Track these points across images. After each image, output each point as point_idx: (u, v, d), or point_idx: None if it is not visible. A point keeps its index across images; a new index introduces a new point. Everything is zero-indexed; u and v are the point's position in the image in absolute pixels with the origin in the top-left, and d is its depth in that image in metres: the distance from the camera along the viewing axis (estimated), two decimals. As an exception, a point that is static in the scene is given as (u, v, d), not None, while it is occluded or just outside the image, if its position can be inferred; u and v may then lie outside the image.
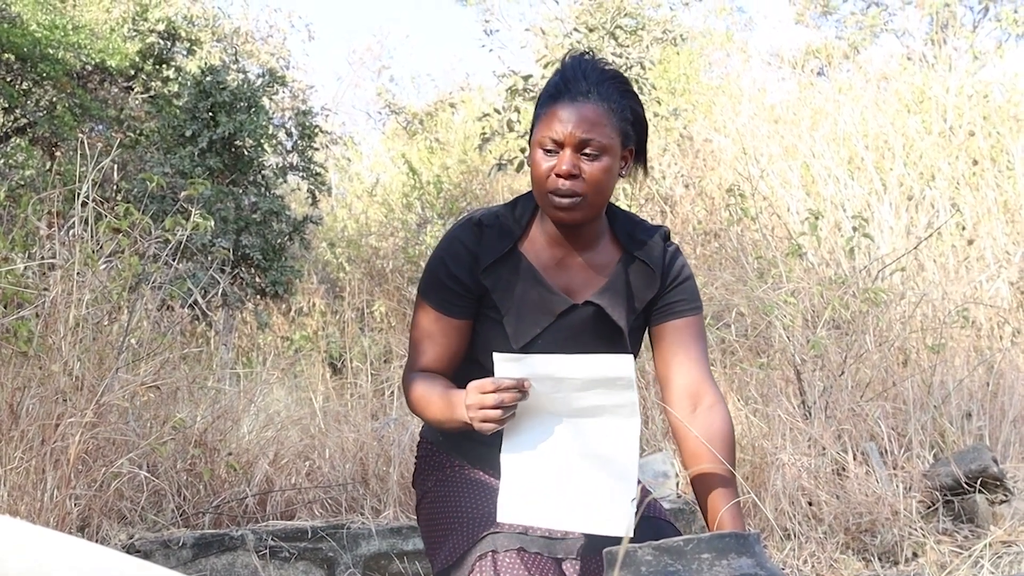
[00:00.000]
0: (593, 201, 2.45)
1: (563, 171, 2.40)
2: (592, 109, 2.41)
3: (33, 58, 9.13)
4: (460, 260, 2.52)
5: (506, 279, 2.52)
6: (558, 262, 2.55)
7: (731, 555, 1.85)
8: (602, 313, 2.53)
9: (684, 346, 2.55)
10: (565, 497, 2.25)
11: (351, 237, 12.66)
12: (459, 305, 2.53)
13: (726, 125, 10.36)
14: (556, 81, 2.49)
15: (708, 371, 2.56)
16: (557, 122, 2.41)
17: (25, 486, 3.83)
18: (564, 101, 2.43)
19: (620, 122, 2.45)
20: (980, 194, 8.61)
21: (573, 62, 2.50)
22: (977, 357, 6.38)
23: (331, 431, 5.67)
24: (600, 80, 2.45)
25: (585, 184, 2.42)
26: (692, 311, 2.58)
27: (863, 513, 4.78)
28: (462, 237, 2.54)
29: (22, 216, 4.56)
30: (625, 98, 2.48)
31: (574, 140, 2.40)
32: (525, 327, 2.51)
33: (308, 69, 28.98)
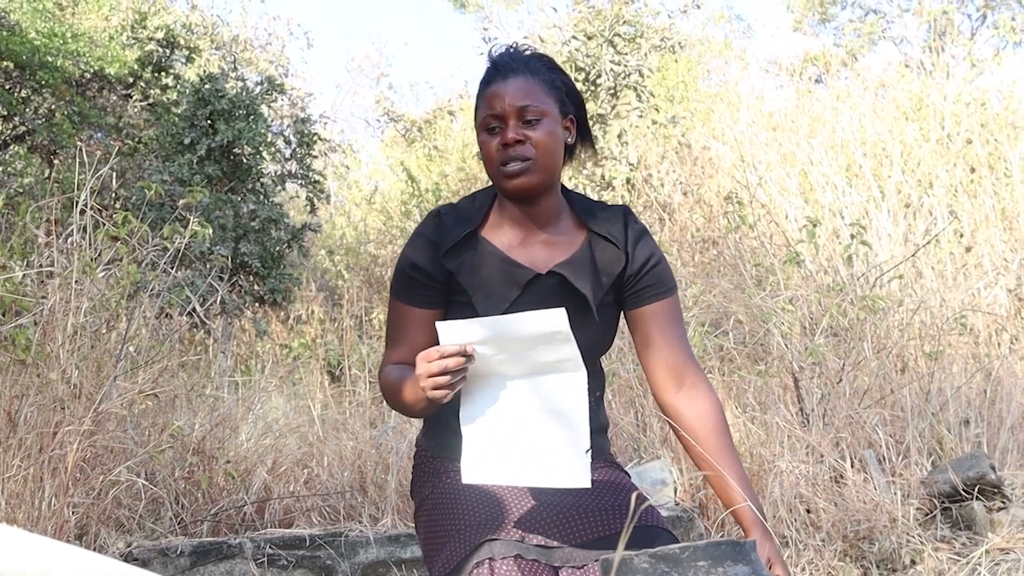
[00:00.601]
0: (544, 164, 2.52)
1: (509, 139, 2.49)
2: (523, 80, 2.53)
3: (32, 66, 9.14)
4: (422, 250, 2.58)
5: (469, 262, 2.57)
6: (521, 241, 2.60)
7: (727, 563, 1.85)
8: (568, 284, 2.55)
9: (661, 329, 2.61)
10: (523, 454, 2.30)
11: (350, 245, 12.67)
12: (426, 295, 2.58)
13: (724, 132, 10.37)
14: (486, 71, 2.59)
15: (688, 350, 2.62)
16: (494, 99, 2.52)
17: (23, 494, 3.83)
18: (496, 80, 2.54)
19: (552, 90, 2.56)
20: (978, 201, 8.62)
21: (498, 50, 2.63)
22: (975, 364, 6.38)
23: (329, 439, 5.67)
24: (525, 59, 2.58)
25: (532, 148, 2.50)
26: (666, 293, 2.63)
27: (861, 520, 4.78)
28: (422, 230, 2.62)
29: (20, 224, 4.56)
30: (553, 72, 2.60)
31: (513, 109, 2.50)
32: (493, 303, 2.53)
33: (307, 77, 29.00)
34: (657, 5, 10.80)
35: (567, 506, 2.49)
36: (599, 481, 2.59)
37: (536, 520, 2.46)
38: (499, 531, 2.41)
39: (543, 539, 2.42)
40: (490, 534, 2.40)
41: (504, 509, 2.49)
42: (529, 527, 2.45)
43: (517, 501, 2.51)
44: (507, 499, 2.52)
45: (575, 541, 2.44)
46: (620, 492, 2.57)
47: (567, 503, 2.50)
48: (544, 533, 2.43)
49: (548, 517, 2.47)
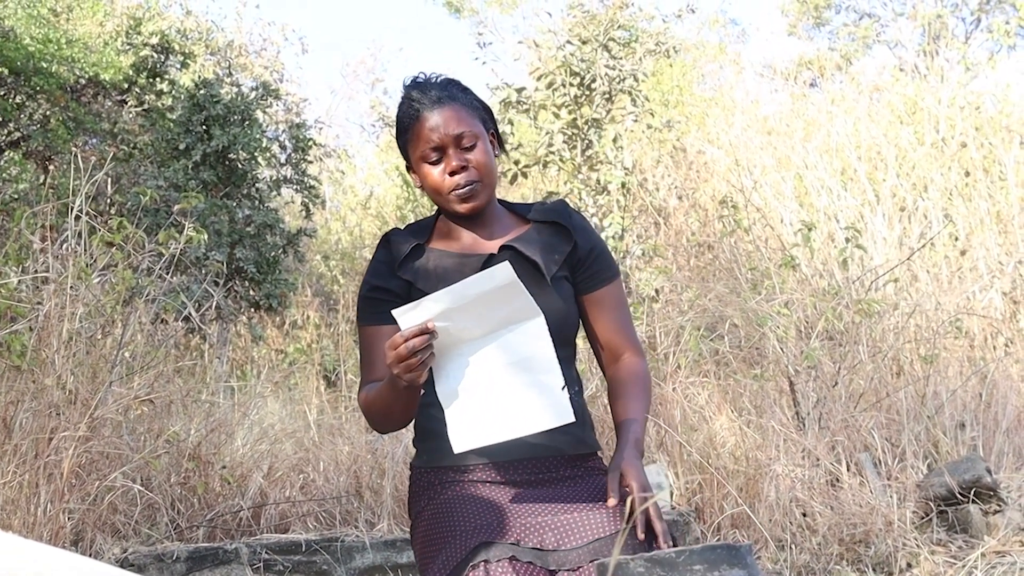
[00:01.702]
0: (488, 182, 2.68)
1: (455, 167, 2.63)
2: (451, 108, 2.66)
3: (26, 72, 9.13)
4: (378, 272, 2.73)
5: (423, 267, 2.71)
6: (469, 243, 2.75)
7: (723, 566, 1.86)
8: (521, 256, 2.67)
9: (606, 314, 2.77)
10: (503, 408, 2.37)
11: (345, 250, 12.67)
12: (389, 312, 2.57)
13: (719, 137, 10.38)
14: (406, 106, 2.71)
15: (629, 331, 2.79)
16: (430, 131, 2.65)
17: (18, 500, 3.82)
18: (424, 114, 2.66)
19: (474, 111, 2.71)
20: (973, 205, 8.63)
21: (413, 84, 2.74)
22: (970, 367, 6.39)
23: (325, 444, 5.67)
24: (443, 86, 2.71)
25: (476, 171, 2.65)
26: (612, 277, 2.78)
27: (857, 524, 4.78)
28: (375, 255, 2.77)
29: (15, 230, 4.56)
30: (467, 94, 2.74)
31: (450, 138, 2.64)
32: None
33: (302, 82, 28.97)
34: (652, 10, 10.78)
35: (562, 510, 2.50)
36: (593, 486, 2.60)
37: (531, 524, 2.47)
38: (494, 535, 2.41)
39: (539, 542, 2.43)
40: (485, 538, 2.41)
41: (499, 515, 2.49)
42: (524, 531, 2.45)
43: (512, 506, 2.52)
44: (502, 504, 2.52)
45: (571, 544, 2.44)
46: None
47: (562, 508, 2.51)
48: (540, 537, 2.44)
49: (543, 521, 2.47)
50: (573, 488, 2.61)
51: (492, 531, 2.44)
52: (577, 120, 9.08)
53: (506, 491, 2.59)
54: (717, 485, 5.05)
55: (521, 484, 2.61)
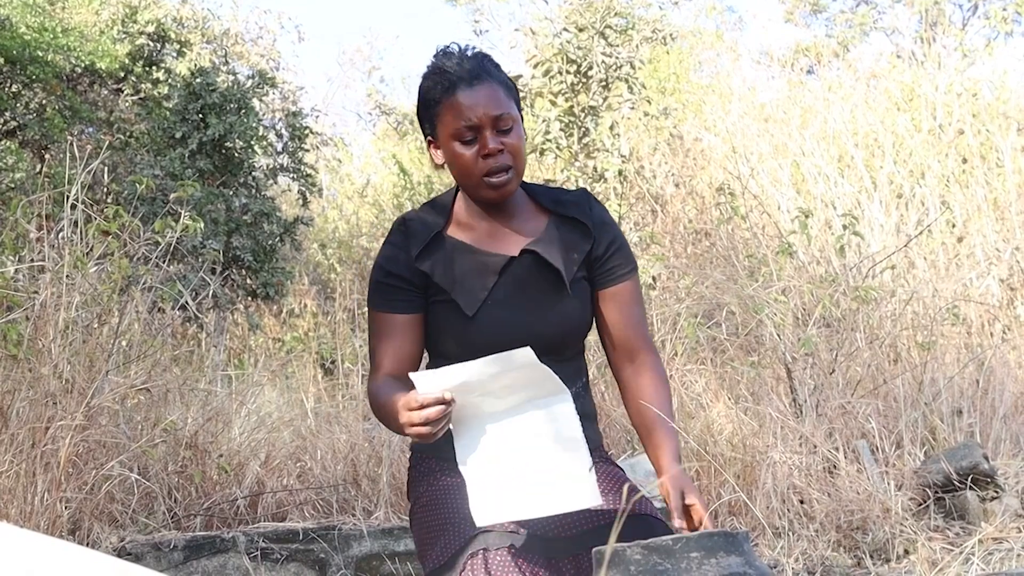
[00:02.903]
0: (519, 169, 2.55)
1: (492, 149, 2.49)
2: (490, 86, 2.52)
3: (22, 61, 9.12)
4: (393, 258, 2.60)
5: (442, 260, 2.58)
6: (488, 234, 2.63)
7: (720, 553, 1.85)
8: (541, 261, 2.59)
9: (622, 309, 2.67)
10: (529, 486, 2.30)
11: (342, 238, 12.66)
12: (403, 300, 2.59)
13: (716, 124, 10.36)
14: (439, 76, 2.55)
15: (643, 330, 2.70)
16: (467, 109, 2.49)
17: (15, 489, 3.82)
18: (462, 88, 2.50)
19: (510, 92, 2.58)
20: (970, 192, 8.62)
21: (445, 55, 2.58)
22: (967, 354, 6.39)
23: (322, 432, 5.67)
24: (479, 60, 2.55)
25: (510, 156, 2.51)
26: (629, 274, 2.68)
27: (854, 511, 4.79)
28: (391, 239, 2.64)
29: (12, 219, 4.55)
30: (499, 71, 2.61)
31: (490, 119, 2.49)
32: (474, 292, 2.56)
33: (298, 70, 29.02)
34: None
35: None
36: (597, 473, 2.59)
37: None
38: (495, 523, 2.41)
39: (541, 529, 2.43)
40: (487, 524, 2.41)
41: None
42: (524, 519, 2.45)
43: None
44: None
45: (569, 532, 2.44)
46: (613, 483, 2.57)
47: None
48: (538, 524, 2.43)
49: None
50: None
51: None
52: (574, 108, 9.09)
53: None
54: (714, 472, 5.05)
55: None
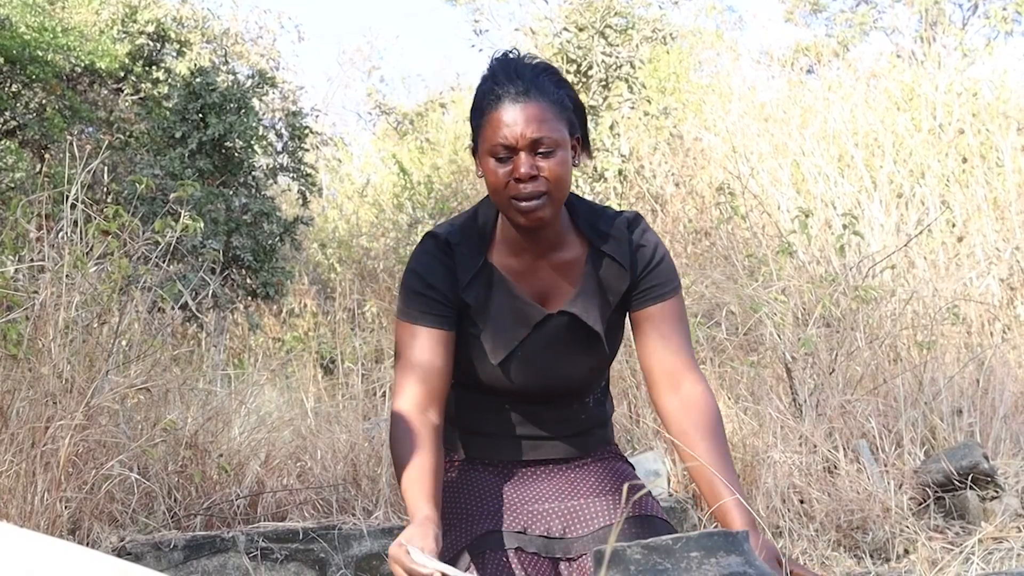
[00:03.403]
0: (557, 197, 2.38)
1: (523, 174, 2.33)
2: (536, 106, 2.35)
3: (22, 60, 9.12)
4: (436, 273, 2.46)
5: (482, 292, 2.47)
6: (527, 267, 2.49)
7: (720, 553, 1.85)
8: (577, 319, 2.48)
9: (660, 332, 2.50)
10: None
11: (342, 238, 12.65)
12: (440, 315, 2.45)
13: (716, 124, 10.36)
14: (490, 87, 2.40)
15: (688, 354, 2.51)
16: (505, 127, 2.34)
17: (15, 489, 3.82)
18: (506, 104, 2.36)
19: (563, 112, 2.39)
20: (970, 191, 8.62)
21: (501, 64, 2.43)
22: (967, 354, 6.39)
23: (322, 432, 5.67)
24: (534, 75, 2.39)
25: (546, 182, 2.35)
26: (669, 294, 2.52)
27: (854, 510, 4.79)
28: (433, 252, 2.49)
29: (11, 218, 4.55)
30: (561, 88, 2.42)
31: (527, 141, 2.34)
32: (503, 341, 2.47)
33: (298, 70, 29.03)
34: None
35: (570, 495, 2.50)
36: (601, 472, 2.59)
37: (538, 511, 2.47)
38: (501, 522, 2.41)
39: (545, 530, 2.43)
40: (492, 525, 2.41)
41: (507, 500, 2.48)
42: (531, 518, 2.45)
43: (520, 492, 2.51)
44: (510, 489, 2.51)
45: (577, 532, 2.45)
46: (622, 482, 2.58)
47: (570, 494, 2.51)
48: (546, 524, 2.44)
49: (550, 508, 2.47)
50: (582, 472, 2.59)
51: (499, 518, 2.43)
52: (574, 107, 9.05)
53: (515, 475, 2.57)
54: (714, 472, 5.04)
55: (530, 470, 2.58)
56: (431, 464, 2.31)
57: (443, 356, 2.44)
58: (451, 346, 2.46)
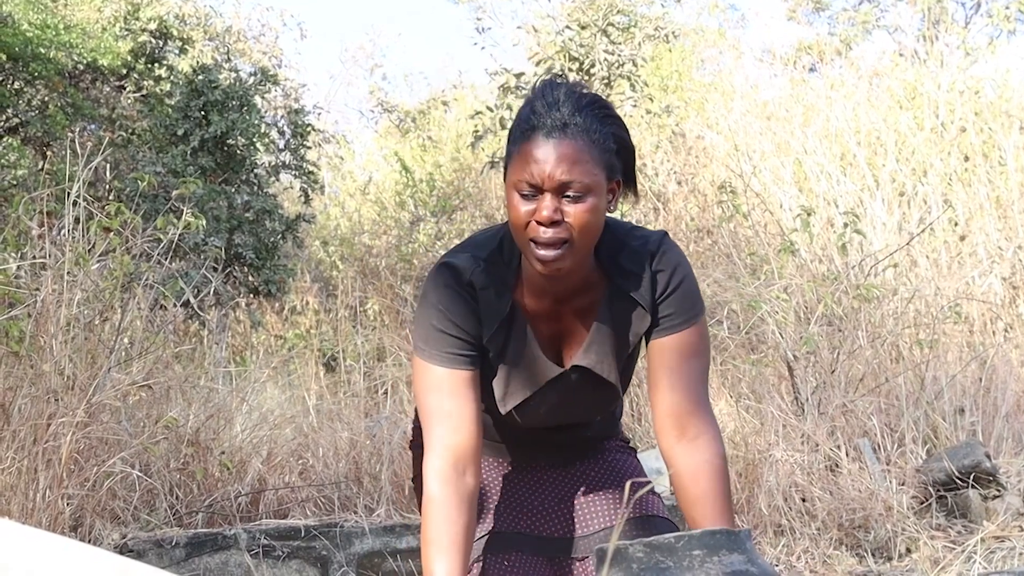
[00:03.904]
0: (580, 245, 2.17)
1: (544, 218, 2.12)
2: (570, 146, 2.12)
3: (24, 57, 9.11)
4: (460, 312, 2.27)
5: (503, 340, 2.30)
6: (548, 311, 2.33)
7: (722, 552, 1.85)
8: (591, 371, 2.34)
9: (670, 368, 2.29)
10: None
11: (344, 235, 12.65)
12: (468, 355, 2.27)
13: (718, 122, 10.36)
14: (527, 114, 2.18)
15: (697, 394, 2.29)
16: (533, 163, 2.13)
17: (17, 486, 3.82)
18: (538, 138, 2.13)
19: (603, 154, 2.16)
20: (972, 190, 8.62)
21: (544, 90, 2.20)
22: (970, 353, 6.39)
23: (324, 429, 5.67)
24: (576, 108, 2.15)
25: (569, 230, 2.14)
26: (683, 324, 2.30)
27: (856, 509, 4.79)
28: (456, 289, 2.28)
29: (14, 216, 4.55)
30: (606, 124, 2.18)
31: (554, 183, 2.12)
32: (513, 392, 2.34)
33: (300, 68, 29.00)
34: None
35: (573, 494, 2.48)
36: (605, 468, 2.56)
37: (540, 510, 2.45)
38: (501, 523, 2.41)
39: (546, 530, 2.42)
40: (493, 525, 2.40)
41: (508, 499, 2.47)
42: (534, 518, 2.44)
43: (521, 491, 2.49)
44: (512, 488, 2.49)
45: (580, 532, 2.44)
46: (625, 480, 2.54)
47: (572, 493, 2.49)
48: (549, 524, 2.43)
49: (553, 507, 2.46)
50: (586, 467, 2.55)
51: (499, 519, 2.42)
52: (576, 105, 9.05)
53: (517, 472, 2.53)
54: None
55: (532, 469, 2.54)
56: (466, 542, 2.19)
57: (475, 400, 2.27)
58: (479, 387, 2.30)
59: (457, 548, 2.14)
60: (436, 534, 2.15)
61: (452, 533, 2.15)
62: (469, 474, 2.22)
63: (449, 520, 2.16)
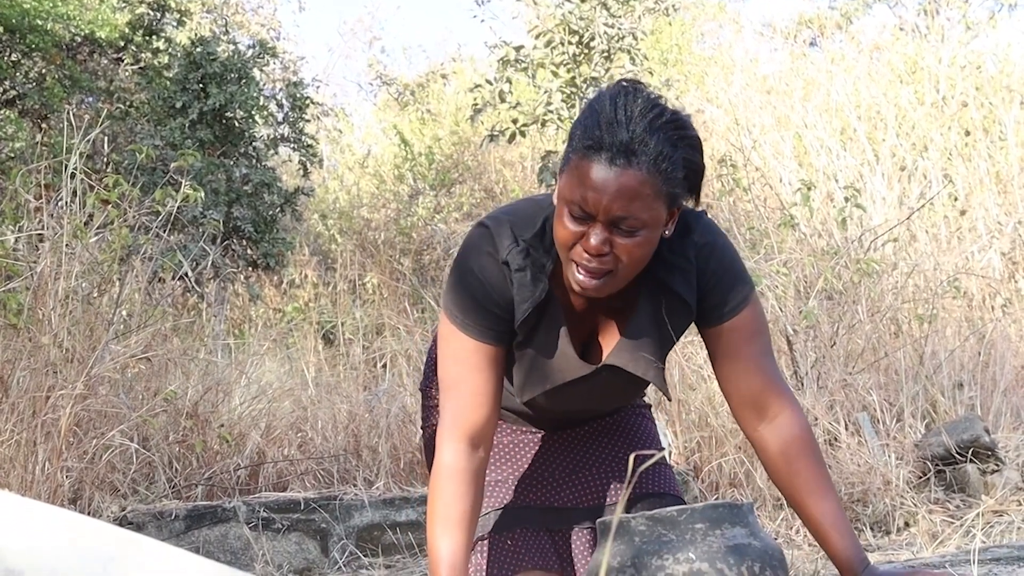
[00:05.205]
0: (623, 276, 2.04)
1: (591, 247, 1.96)
2: (633, 177, 1.92)
3: (22, 29, 9.08)
4: (497, 285, 2.15)
5: (533, 326, 2.19)
6: (583, 308, 2.23)
7: (725, 525, 1.85)
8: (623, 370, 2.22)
9: (736, 353, 2.21)
10: None
11: (343, 209, 12.65)
12: (501, 331, 2.17)
13: (718, 96, 10.35)
14: (593, 124, 1.96)
15: (769, 371, 2.22)
16: (589, 189, 1.93)
17: (16, 458, 3.82)
18: (600, 160, 1.93)
19: (667, 185, 1.97)
20: (972, 165, 8.61)
21: (617, 98, 1.97)
22: (968, 327, 6.39)
23: (323, 403, 5.67)
24: (647, 132, 1.93)
25: (615, 262, 2.00)
26: (738, 307, 2.20)
27: (855, 483, 4.79)
28: (489, 262, 2.16)
29: (11, 188, 4.54)
30: (678, 148, 1.98)
31: (608, 216, 1.94)
32: (533, 382, 2.24)
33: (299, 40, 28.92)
34: (651, -33, 10.74)
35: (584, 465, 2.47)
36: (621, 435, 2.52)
37: (550, 481, 2.44)
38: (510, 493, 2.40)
39: (556, 500, 2.41)
40: (501, 498, 2.38)
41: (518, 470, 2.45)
42: (543, 489, 2.43)
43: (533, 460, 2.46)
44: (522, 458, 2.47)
45: (588, 503, 2.43)
46: (637, 448, 2.50)
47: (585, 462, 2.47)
48: (557, 494, 2.42)
49: (564, 477, 2.44)
50: (598, 429, 2.50)
51: (506, 493, 2.41)
52: (576, 79, 9.04)
53: (527, 436, 2.49)
54: (716, 443, 5.05)
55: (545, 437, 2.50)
56: (472, 519, 2.14)
57: (498, 378, 2.19)
58: (504, 363, 2.22)
59: (463, 526, 2.10)
60: (444, 510, 2.11)
61: (460, 510, 2.11)
62: (482, 449, 2.17)
63: (457, 496, 2.11)
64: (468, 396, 2.16)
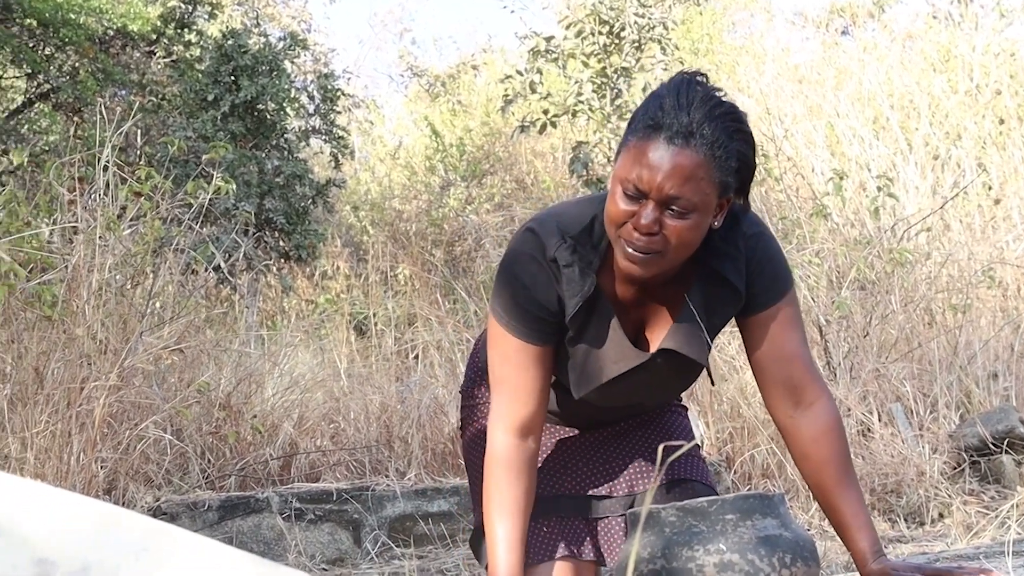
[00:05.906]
0: (673, 258, 2.07)
1: (642, 226, 2.00)
2: (689, 158, 1.97)
3: (55, 23, 9.14)
4: (543, 287, 2.18)
5: (583, 322, 2.21)
6: (633, 297, 2.24)
7: (756, 516, 1.84)
8: (679, 354, 2.23)
9: (773, 341, 2.24)
10: None
11: (374, 200, 12.67)
12: (548, 331, 2.21)
13: (749, 85, 10.30)
14: (653, 109, 2.02)
15: (805, 361, 2.25)
16: (644, 167, 1.98)
17: (51, 449, 3.85)
18: (658, 140, 1.98)
19: (720, 172, 2.01)
20: (1007, 153, 8.55)
21: (679, 87, 2.04)
22: (1003, 317, 6.34)
23: (355, 393, 5.69)
24: (708, 117, 1.99)
25: (664, 242, 2.03)
26: (776, 297, 2.23)
27: (889, 474, 4.77)
28: (541, 261, 2.18)
29: (45, 181, 4.57)
30: (734, 140, 2.02)
31: (661, 195, 1.98)
32: (589, 377, 2.26)
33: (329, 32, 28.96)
34: (682, -43, 10.73)
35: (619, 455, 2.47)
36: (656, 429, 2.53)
37: (585, 471, 2.45)
38: (545, 486, 2.40)
39: (590, 489, 2.42)
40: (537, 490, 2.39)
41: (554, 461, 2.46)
42: (578, 478, 2.44)
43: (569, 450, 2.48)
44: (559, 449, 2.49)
45: (621, 492, 2.44)
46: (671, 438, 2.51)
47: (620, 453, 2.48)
48: (592, 483, 2.43)
49: (599, 467, 2.46)
50: (635, 425, 2.52)
51: (543, 483, 2.41)
52: (606, 69, 9.02)
53: (566, 432, 2.51)
54: (748, 434, 5.04)
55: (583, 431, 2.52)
56: (527, 504, 2.23)
57: (545, 375, 2.24)
58: (552, 360, 2.26)
59: (519, 511, 2.19)
60: (498, 497, 2.20)
61: (514, 495, 2.20)
62: (532, 439, 2.25)
63: (510, 484, 2.20)
64: (516, 391, 2.22)
